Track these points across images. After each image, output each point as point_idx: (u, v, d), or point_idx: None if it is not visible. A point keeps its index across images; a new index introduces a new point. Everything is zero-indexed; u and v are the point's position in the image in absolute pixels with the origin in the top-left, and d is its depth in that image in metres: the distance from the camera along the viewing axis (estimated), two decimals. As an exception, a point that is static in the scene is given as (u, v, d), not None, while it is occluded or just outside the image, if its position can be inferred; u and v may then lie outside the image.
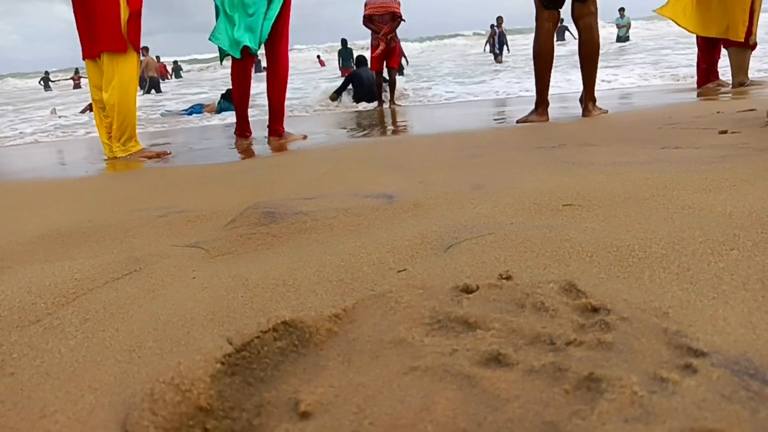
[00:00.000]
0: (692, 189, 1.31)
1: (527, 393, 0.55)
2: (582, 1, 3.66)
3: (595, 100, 3.86)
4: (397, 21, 8.46)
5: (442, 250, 1.04)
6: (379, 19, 8.42)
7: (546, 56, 3.83)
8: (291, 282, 0.96)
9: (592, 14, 3.67)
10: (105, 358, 0.71)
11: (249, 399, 0.58)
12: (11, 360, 0.73)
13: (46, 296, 0.95)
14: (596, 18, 3.70)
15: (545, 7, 3.79)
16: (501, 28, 19.72)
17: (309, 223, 1.40)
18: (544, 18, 3.80)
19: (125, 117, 3.94)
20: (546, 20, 3.80)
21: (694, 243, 0.92)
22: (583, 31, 3.72)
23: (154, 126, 7.90)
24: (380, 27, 8.40)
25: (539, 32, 3.84)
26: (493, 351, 0.62)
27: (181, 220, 1.63)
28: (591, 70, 3.80)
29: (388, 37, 8.41)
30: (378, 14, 8.42)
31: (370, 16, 8.45)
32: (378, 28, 8.40)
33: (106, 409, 0.58)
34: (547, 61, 3.84)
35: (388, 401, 0.56)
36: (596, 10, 3.70)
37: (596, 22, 3.71)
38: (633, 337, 0.63)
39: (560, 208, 1.25)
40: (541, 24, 3.82)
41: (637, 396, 0.50)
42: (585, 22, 3.69)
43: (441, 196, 1.56)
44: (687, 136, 2.26)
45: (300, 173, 2.36)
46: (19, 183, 2.93)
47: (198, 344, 0.64)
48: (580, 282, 0.77)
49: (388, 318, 0.75)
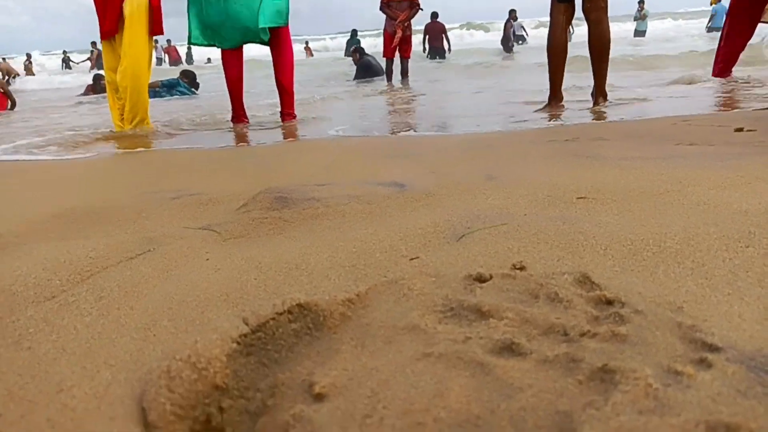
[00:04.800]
0: (707, 185, 1.30)
1: (540, 382, 0.55)
2: None
3: (605, 95, 3.83)
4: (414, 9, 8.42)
5: (455, 239, 1.04)
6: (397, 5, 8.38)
7: (558, 50, 3.80)
8: (304, 266, 0.96)
9: (601, 9, 3.63)
10: (120, 335, 0.71)
11: (263, 379, 0.59)
12: (28, 335, 0.74)
13: (62, 273, 0.96)
14: (606, 12, 3.66)
15: (558, 0, 3.76)
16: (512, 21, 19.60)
17: (321, 209, 1.40)
18: (557, 11, 3.78)
19: (137, 99, 3.96)
20: (559, 13, 3.77)
21: (709, 239, 0.92)
22: (593, 25, 3.68)
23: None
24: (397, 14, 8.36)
25: (552, 25, 3.82)
26: (506, 340, 0.62)
27: (193, 203, 1.64)
28: (601, 64, 3.76)
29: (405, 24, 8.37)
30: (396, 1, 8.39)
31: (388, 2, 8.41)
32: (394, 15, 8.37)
33: (122, 385, 0.59)
34: (559, 54, 3.81)
35: (401, 386, 0.56)
36: (606, 4, 3.65)
37: (606, 16, 3.67)
38: (647, 330, 0.63)
39: (574, 201, 1.24)
40: (555, 17, 3.79)
41: (652, 388, 0.50)
42: (594, 16, 3.66)
43: (453, 186, 1.56)
44: (701, 133, 2.24)
45: (310, 160, 2.36)
46: (32, 163, 2.95)
47: (214, 324, 0.64)
48: (594, 274, 0.77)
49: (401, 304, 0.76)
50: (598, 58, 3.75)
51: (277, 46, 4.09)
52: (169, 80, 8.81)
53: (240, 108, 4.23)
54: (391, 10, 8.40)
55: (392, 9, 8.39)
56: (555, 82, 3.85)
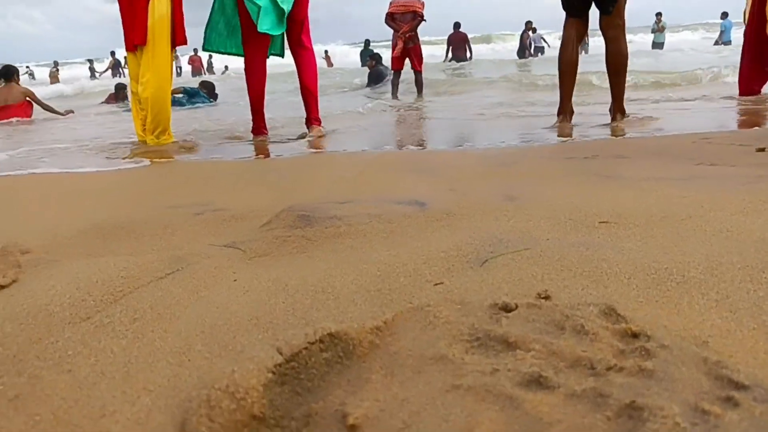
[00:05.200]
0: (729, 210, 1.30)
1: (569, 417, 0.56)
2: (607, 13, 3.64)
3: (624, 111, 3.83)
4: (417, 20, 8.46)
5: (478, 264, 1.05)
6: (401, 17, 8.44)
7: (568, 64, 3.82)
8: (330, 290, 0.98)
9: (618, 27, 3.65)
10: (157, 360, 0.74)
11: (298, 408, 0.60)
12: (67, 357, 0.76)
13: (95, 293, 0.99)
14: (623, 30, 3.67)
15: (568, 14, 3.78)
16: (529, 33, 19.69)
17: (343, 228, 1.42)
18: (569, 26, 3.80)
19: (159, 110, 4.02)
20: (571, 28, 3.80)
21: (733, 269, 0.93)
22: (609, 42, 3.70)
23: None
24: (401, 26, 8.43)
25: (564, 40, 3.86)
26: (534, 373, 0.64)
27: (216, 219, 1.67)
28: (618, 81, 3.77)
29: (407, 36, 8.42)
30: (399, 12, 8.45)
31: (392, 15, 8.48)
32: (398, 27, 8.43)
33: (163, 412, 0.61)
34: (569, 68, 3.83)
35: (432, 418, 0.57)
36: (623, 22, 3.67)
37: (623, 33, 3.68)
38: (673, 366, 0.64)
39: (596, 225, 1.25)
40: (567, 32, 3.82)
41: (680, 427, 0.52)
42: (611, 34, 3.68)
43: (473, 206, 1.57)
44: (722, 153, 2.24)
45: (330, 176, 2.39)
46: (56, 175, 3.00)
47: (248, 352, 0.66)
48: (619, 305, 0.78)
49: (428, 333, 0.77)
50: (615, 75, 3.76)
51: (300, 51, 4.12)
52: (192, 88, 8.95)
53: (261, 120, 4.25)
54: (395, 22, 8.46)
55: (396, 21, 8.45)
56: (565, 95, 3.87)
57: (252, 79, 4.13)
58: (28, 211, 1.97)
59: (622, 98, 3.82)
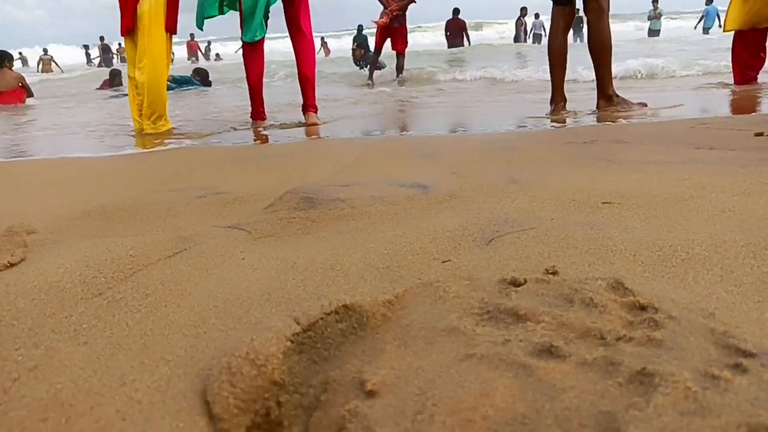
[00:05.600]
0: (731, 192, 1.31)
1: (582, 384, 0.58)
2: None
3: (608, 98, 3.76)
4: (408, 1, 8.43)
5: (485, 242, 1.06)
6: None
7: (555, 53, 3.82)
8: (338, 267, 0.99)
9: (598, 9, 3.62)
10: (172, 332, 0.75)
11: (315, 376, 0.62)
12: (82, 330, 0.77)
13: (105, 271, 0.99)
14: (604, 13, 3.62)
15: (555, 3, 3.77)
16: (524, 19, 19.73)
17: (347, 210, 1.43)
18: (557, 14, 3.80)
19: (156, 96, 4.01)
20: (558, 16, 3.79)
21: (736, 246, 0.94)
22: (590, 26, 3.69)
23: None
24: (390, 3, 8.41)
25: (551, 28, 3.86)
26: (545, 343, 0.65)
27: (219, 202, 1.68)
28: (599, 65, 3.73)
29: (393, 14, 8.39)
30: None
31: None
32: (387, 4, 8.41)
33: (182, 380, 0.62)
34: (556, 57, 3.83)
35: (447, 385, 0.59)
36: (606, 5, 3.63)
37: (604, 16, 3.63)
38: (681, 336, 0.65)
39: (599, 206, 1.27)
40: (554, 20, 3.82)
41: (691, 391, 0.53)
42: (591, 17, 3.66)
43: (476, 188, 1.58)
44: (721, 137, 2.25)
45: (331, 159, 2.39)
46: (57, 160, 3.00)
47: (264, 323, 0.67)
48: (627, 280, 0.80)
49: (438, 307, 0.78)
50: (597, 59, 3.73)
51: (298, 37, 4.08)
52: (181, 76, 8.88)
53: (260, 104, 4.24)
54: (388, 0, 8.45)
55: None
56: (555, 83, 3.88)
57: (249, 63, 4.11)
58: (31, 195, 1.97)
59: (606, 84, 3.76)
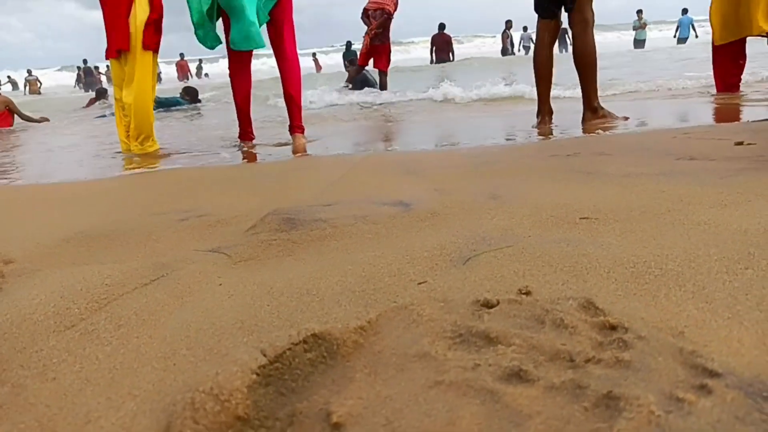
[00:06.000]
0: (708, 204, 1.32)
1: (548, 409, 0.57)
2: (570, 10, 3.65)
3: (595, 110, 3.79)
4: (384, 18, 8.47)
5: (461, 262, 1.06)
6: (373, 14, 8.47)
7: (542, 65, 3.85)
8: (315, 291, 0.99)
9: (582, 22, 3.64)
10: (141, 365, 0.74)
11: (282, 409, 0.61)
12: (52, 365, 0.76)
13: (79, 301, 0.99)
14: (589, 25, 3.64)
15: (540, 17, 3.81)
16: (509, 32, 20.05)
17: (328, 231, 1.43)
18: (542, 28, 3.83)
19: (142, 116, 4.01)
20: (543, 30, 3.83)
21: (710, 261, 0.94)
22: (575, 39, 3.71)
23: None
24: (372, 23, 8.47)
25: (537, 41, 3.91)
26: (514, 367, 0.65)
27: (201, 225, 1.67)
28: (585, 79, 3.75)
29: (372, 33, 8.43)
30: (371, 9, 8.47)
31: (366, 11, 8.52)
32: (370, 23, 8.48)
33: (148, 416, 0.61)
34: (541, 71, 3.86)
35: (415, 414, 0.58)
36: (591, 18, 3.65)
37: (589, 29, 3.65)
38: (650, 356, 0.65)
39: (577, 221, 1.27)
40: (539, 34, 3.86)
41: (654, 416, 0.53)
42: (576, 30, 3.69)
43: (457, 206, 1.59)
44: (702, 147, 2.27)
45: (316, 178, 2.39)
46: (40, 185, 2.98)
47: (232, 354, 0.67)
48: (598, 299, 0.80)
49: (411, 331, 0.78)
50: (582, 72, 3.75)
51: (283, 57, 4.04)
52: (167, 98, 8.81)
53: (248, 124, 4.22)
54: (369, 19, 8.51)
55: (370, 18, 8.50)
56: (541, 95, 3.92)
57: (237, 82, 4.10)
58: (11, 221, 1.96)
59: (592, 96, 3.78)
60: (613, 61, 10.24)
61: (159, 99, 8.45)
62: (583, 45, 3.67)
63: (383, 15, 8.42)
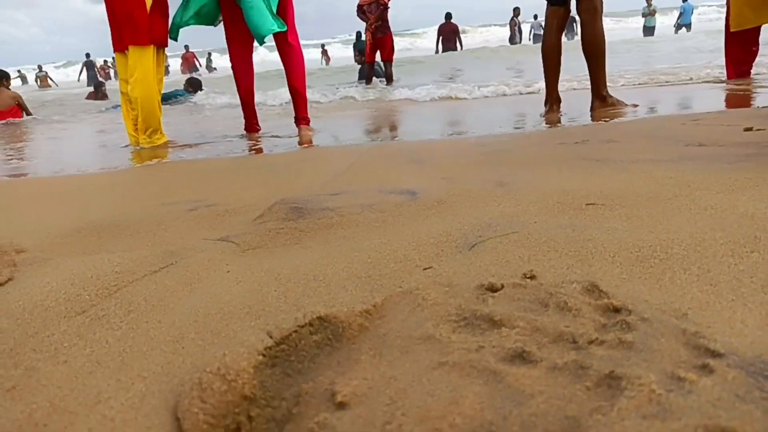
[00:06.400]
0: (715, 189, 1.32)
1: (550, 389, 0.58)
2: None
3: (603, 98, 3.78)
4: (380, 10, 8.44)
5: (467, 248, 1.07)
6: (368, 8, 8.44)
7: (549, 54, 3.83)
8: (321, 277, 1.00)
9: (591, 10, 3.62)
10: (151, 348, 0.75)
11: (288, 389, 0.62)
12: (63, 348, 0.78)
13: (90, 288, 1.00)
14: (598, 13, 3.63)
15: (549, 3, 3.78)
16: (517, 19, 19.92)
17: (335, 219, 1.44)
18: (550, 15, 3.81)
19: (149, 110, 4.02)
20: (552, 17, 3.80)
21: (715, 245, 0.94)
22: (583, 26, 3.69)
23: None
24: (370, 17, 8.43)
25: (545, 29, 3.88)
26: (517, 348, 0.65)
27: (210, 214, 1.68)
28: (594, 66, 3.74)
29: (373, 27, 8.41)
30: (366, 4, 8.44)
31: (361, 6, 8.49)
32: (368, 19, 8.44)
33: (156, 397, 0.63)
34: (550, 58, 3.84)
35: (418, 394, 0.59)
36: (600, 5, 3.63)
37: (598, 17, 3.64)
38: (653, 337, 0.66)
39: (583, 207, 1.27)
40: (547, 21, 3.84)
41: (655, 394, 0.53)
42: (584, 17, 3.66)
43: (464, 193, 1.59)
44: (711, 133, 2.25)
45: (322, 168, 2.40)
46: (51, 178, 3.01)
47: (239, 337, 0.68)
48: (603, 282, 0.80)
49: (416, 314, 0.79)
50: (591, 61, 3.74)
51: (286, 48, 4.00)
52: (166, 93, 8.81)
53: (253, 116, 4.23)
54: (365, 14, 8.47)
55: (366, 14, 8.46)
56: (549, 83, 3.90)
57: (240, 74, 4.11)
58: (22, 212, 1.98)
59: (600, 84, 3.77)
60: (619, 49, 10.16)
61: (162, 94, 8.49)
62: (593, 33, 3.65)
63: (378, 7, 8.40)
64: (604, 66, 3.75)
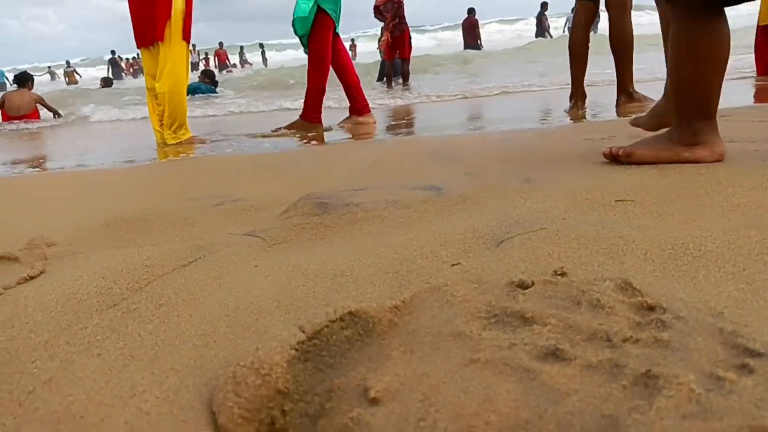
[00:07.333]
0: (748, 186, 1.29)
1: (586, 387, 0.57)
2: None
3: (629, 94, 3.76)
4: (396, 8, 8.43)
5: (495, 244, 1.06)
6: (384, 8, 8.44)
7: (576, 48, 3.81)
8: (348, 273, 1.00)
9: (620, 4, 3.60)
10: (183, 342, 0.76)
11: (320, 384, 0.62)
12: (96, 342, 0.79)
13: (121, 282, 1.01)
14: (627, 8, 3.61)
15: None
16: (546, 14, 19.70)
17: (360, 215, 1.44)
18: (578, 9, 3.78)
19: (176, 105, 4.06)
20: (579, 11, 3.77)
21: (750, 242, 0.92)
22: (611, 23, 3.66)
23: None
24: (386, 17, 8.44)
25: (573, 24, 3.85)
26: (550, 346, 0.65)
27: (236, 209, 1.69)
28: (621, 61, 3.71)
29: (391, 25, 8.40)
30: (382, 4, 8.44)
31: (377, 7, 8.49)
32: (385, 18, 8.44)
33: (191, 390, 0.63)
34: (577, 52, 3.82)
35: (451, 391, 0.59)
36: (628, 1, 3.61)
37: (626, 12, 3.61)
38: (689, 336, 0.64)
39: (612, 204, 1.25)
40: (576, 16, 3.81)
41: (695, 393, 0.52)
42: (612, 13, 3.65)
43: (490, 190, 1.58)
44: (741, 129, 2.21)
45: (347, 164, 2.40)
46: (79, 172, 3.06)
47: (271, 331, 0.68)
48: (635, 280, 0.79)
49: (445, 311, 0.78)
50: (618, 57, 3.71)
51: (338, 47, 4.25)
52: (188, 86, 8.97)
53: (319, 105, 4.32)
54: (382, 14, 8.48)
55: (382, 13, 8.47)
56: (575, 78, 3.89)
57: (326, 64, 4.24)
58: (52, 207, 2.02)
59: (627, 81, 3.75)
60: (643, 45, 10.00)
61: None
62: (621, 28, 3.62)
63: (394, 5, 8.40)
64: (631, 61, 3.72)
